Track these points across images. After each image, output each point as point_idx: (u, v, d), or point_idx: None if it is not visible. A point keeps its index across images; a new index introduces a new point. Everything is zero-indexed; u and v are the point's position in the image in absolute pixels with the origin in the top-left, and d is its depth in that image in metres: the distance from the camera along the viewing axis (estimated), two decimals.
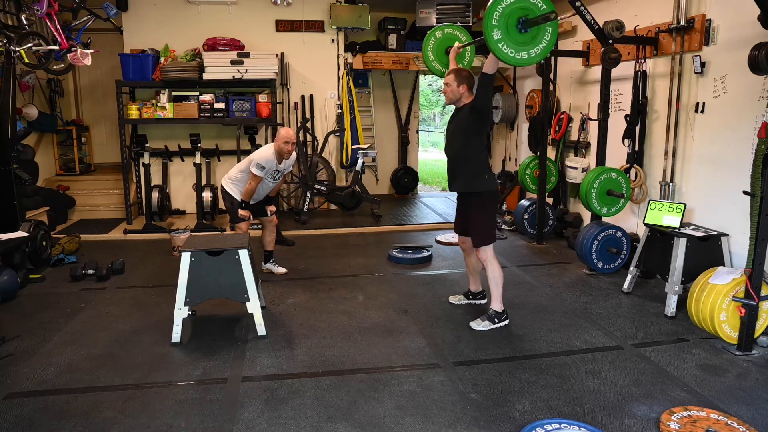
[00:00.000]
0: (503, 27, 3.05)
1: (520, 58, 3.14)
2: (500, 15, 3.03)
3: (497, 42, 3.05)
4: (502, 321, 3.73)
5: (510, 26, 3.06)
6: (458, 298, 4.21)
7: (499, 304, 3.74)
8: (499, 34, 3.04)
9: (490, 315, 3.72)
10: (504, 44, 3.08)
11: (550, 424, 2.53)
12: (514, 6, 3.04)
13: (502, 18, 3.03)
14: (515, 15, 3.06)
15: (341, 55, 7.58)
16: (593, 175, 4.83)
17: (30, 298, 4.33)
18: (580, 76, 6.22)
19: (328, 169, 7.54)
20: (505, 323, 3.74)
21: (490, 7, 3.03)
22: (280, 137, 4.48)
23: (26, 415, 2.67)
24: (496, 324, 3.71)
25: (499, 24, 3.03)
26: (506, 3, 3.02)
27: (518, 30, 3.08)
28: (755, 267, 3.23)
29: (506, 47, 3.09)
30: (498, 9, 3.02)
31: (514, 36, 3.09)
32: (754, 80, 3.85)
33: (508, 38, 3.07)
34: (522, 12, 3.06)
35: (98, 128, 8.25)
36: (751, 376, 3.06)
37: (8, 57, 5.03)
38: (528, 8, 3.07)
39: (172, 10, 7.09)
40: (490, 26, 3.03)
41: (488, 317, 3.72)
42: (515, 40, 3.09)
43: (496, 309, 3.73)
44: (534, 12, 3.07)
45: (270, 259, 4.97)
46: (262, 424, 2.60)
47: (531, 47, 3.15)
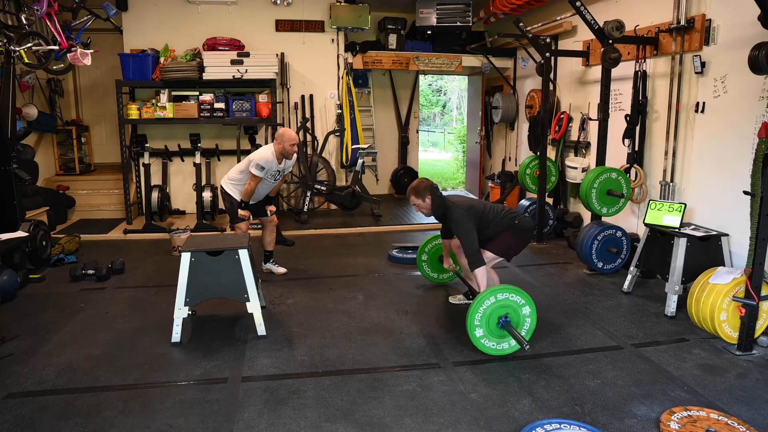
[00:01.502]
0: (485, 326, 3.26)
1: (501, 348, 3.30)
2: (482, 316, 3.23)
3: (480, 339, 3.26)
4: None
5: (491, 325, 3.26)
6: (458, 298, 4.21)
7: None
8: (481, 332, 3.26)
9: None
10: (486, 339, 3.27)
11: (550, 424, 2.53)
12: (494, 306, 3.24)
13: (484, 318, 3.24)
14: (496, 315, 3.25)
15: (341, 55, 7.58)
16: (593, 175, 4.83)
17: (30, 298, 4.33)
18: (580, 76, 6.22)
19: (328, 169, 7.54)
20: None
21: (472, 308, 3.22)
22: (286, 139, 4.47)
23: (26, 415, 2.67)
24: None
25: (480, 323, 3.24)
26: (486, 305, 3.23)
27: (499, 327, 3.28)
28: (755, 267, 3.22)
29: (488, 341, 3.27)
30: (479, 311, 3.22)
31: (495, 331, 3.28)
32: (754, 80, 3.85)
33: (489, 334, 3.27)
34: (502, 311, 3.26)
35: (98, 128, 8.25)
36: (751, 376, 3.06)
37: (8, 57, 5.03)
38: (508, 306, 3.27)
39: (172, 10, 7.09)
40: (473, 326, 3.24)
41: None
42: (496, 334, 3.28)
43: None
44: (513, 308, 3.27)
45: (270, 259, 4.97)
46: (262, 424, 2.60)
47: (510, 340, 3.31)
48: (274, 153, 4.50)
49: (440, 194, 3.77)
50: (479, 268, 3.47)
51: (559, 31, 6.44)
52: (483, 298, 3.24)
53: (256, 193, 4.67)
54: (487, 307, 3.23)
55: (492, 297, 3.24)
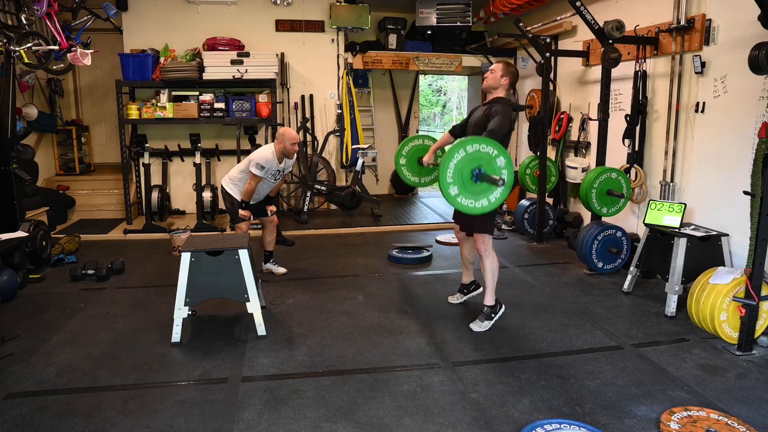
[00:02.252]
0: (458, 181, 3.11)
1: (480, 206, 3.19)
2: (453, 171, 3.08)
3: (456, 197, 3.13)
4: (498, 313, 3.78)
5: (465, 179, 3.12)
6: (456, 297, 4.21)
7: (491, 297, 3.76)
8: (456, 189, 3.11)
9: (486, 313, 3.74)
10: (462, 197, 3.14)
11: (550, 424, 2.53)
12: (466, 159, 3.09)
13: (456, 173, 3.09)
14: (468, 167, 3.10)
15: (341, 55, 7.58)
16: (593, 175, 4.83)
17: (30, 298, 4.33)
18: (580, 76, 6.22)
19: (328, 169, 7.54)
20: (502, 312, 3.79)
21: (443, 164, 3.08)
22: (287, 139, 4.47)
23: (26, 415, 2.67)
24: (494, 318, 3.74)
25: (454, 179, 3.09)
26: (457, 159, 3.07)
27: (473, 181, 3.14)
28: (755, 267, 3.22)
29: (465, 199, 3.15)
30: (450, 166, 3.07)
31: (470, 187, 3.14)
32: (754, 80, 3.85)
33: (464, 190, 3.13)
34: (475, 163, 3.11)
35: (98, 128, 8.24)
36: (751, 376, 3.06)
37: (8, 57, 5.03)
38: (480, 157, 3.11)
39: (172, 10, 7.09)
40: (446, 183, 3.08)
41: (485, 316, 3.73)
42: (471, 191, 3.15)
43: (489, 304, 3.75)
44: (486, 159, 3.11)
45: (270, 259, 4.97)
46: (262, 424, 2.60)
47: (489, 193, 3.20)
48: (275, 152, 4.49)
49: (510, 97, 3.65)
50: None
51: (559, 31, 6.44)
52: (452, 152, 3.05)
53: (257, 193, 4.66)
54: (458, 161, 3.06)
55: (461, 150, 3.07)
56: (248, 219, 4.67)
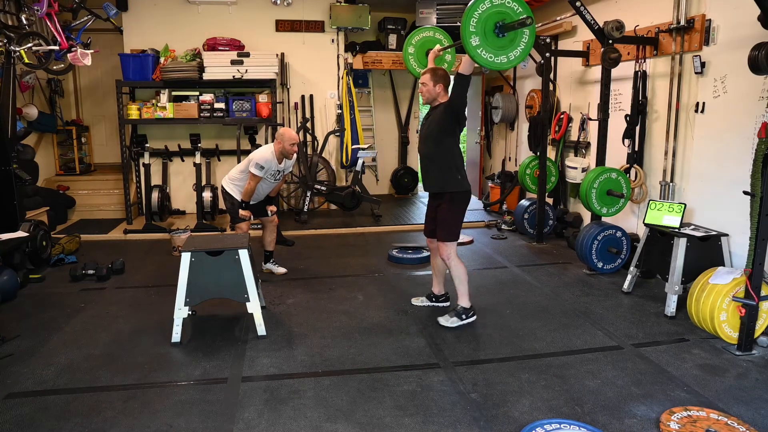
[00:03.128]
0: (481, 33, 3.06)
1: (499, 62, 3.15)
2: (477, 21, 3.03)
3: (476, 48, 3.07)
4: (470, 317, 3.77)
5: (488, 31, 3.07)
6: (420, 300, 4.19)
7: (466, 300, 3.77)
8: (477, 40, 3.06)
9: (458, 311, 3.75)
10: (483, 50, 3.09)
11: (550, 424, 2.53)
12: (490, 11, 3.04)
13: (479, 23, 3.04)
14: (492, 20, 3.06)
15: (341, 55, 7.58)
16: (593, 175, 4.83)
17: (30, 298, 4.33)
18: (580, 76, 6.22)
19: (328, 169, 7.54)
20: (473, 319, 3.79)
21: (467, 13, 3.03)
22: (286, 139, 4.47)
23: (26, 415, 2.67)
24: (464, 320, 3.74)
25: (476, 30, 3.04)
26: (482, 9, 3.03)
27: (496, 34, 3.10)
28: (755, 267, 3.22)
29: (485, 52, 3.10)
30: (475, 15, 3.03)
31: (492, 41, 3.10)
32: (754, 80, 3.85)
33: (486, 43, 3.08)
34: (499, 17, 3.07)
35: (98, 128, 8.25)
36: (751, 376, 3.06)
37: (8, 57, 5.03)
38: (505, 12, 3.07)
39: (172, 10, 7.09)
40: (468, 32, 3.03)
41: (456, 314, 3.75)
42: (493, 45, 3.10)
43: (464, 305, 3.76)
44: (510, 16, 3.08)
45: (270, 259, 4.97)
46: (262, 424, 2.60)
47: (509, 51, 3.16)
48: (274, 153, 4.49)
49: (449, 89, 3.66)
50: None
51: (559, 31, 6.44)
52: (478, 2, 3.03)
53: (257, 193, 4.66)
54: (483, 11, 3.01)
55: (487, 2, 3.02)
56: (248, 219, 4.67)
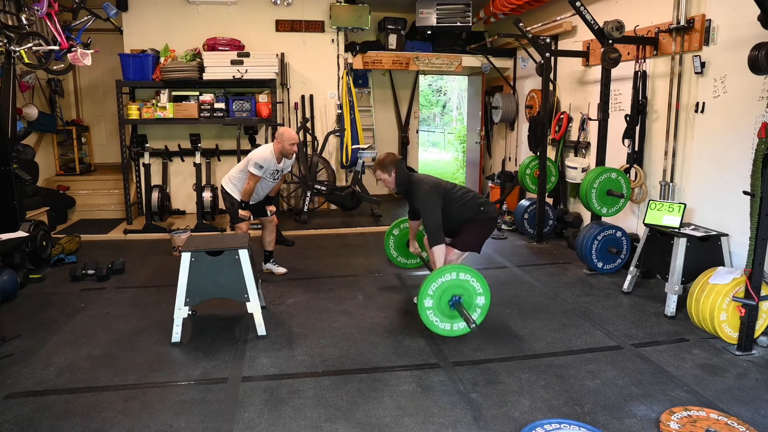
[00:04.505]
0: (436, 299, 3.30)
1: (443, 328, 3.36)
2: (437, 287, 3.28)
3: (426, 309, 3.30)
4: None
5: (443, 301, 3.31)
6: None
7: None
8: (431, 302, 3.30)
9: None
10: (432, 312, 3.32)
11: (550, 424, 2.53)
12: (451, 283, 3.30)
13: (437, 292, 3.29)
14: (450, 292, 3.30)
15: (341, 55, 7.58)
16: (593, 175, 4.83)
17: (30, 298, 4.33)
18: (580, 76, 6.22)
19: (328, 169, 7.54)
20: None
21: (429, 278, 3.29)
22: (286, 138, 4.47)
23: (26, 415, 2.67)
24: None
25: (433, 295, 3.29)
26: (445, 279, 3.28)
27: (449, 306, 3.32)
28: (755, 267, 3.23)
29: (433, 315, 3.32)
30: (437, 281, 3.28)
31: (444, 309, 3.33)
32: (754, 80, 3.85)
33: (437, 309, 3.31)
34: (456, 290, 3.30)
35: (98, 128, 8.25)
36: (751, 376, 3.06)
37: (8, 57, 5.03)
38: (465, 290, 3.32)
39: (172, 10, 7.09)
40: (425, 294, 3.28)
41: None
42: (444, 313, 3.33)
43: None
44: (469, 294, 3.32)
45: (270, 259, 4.97)
46: (262, 424, 2.60)
47: (456, 321, 3.36)
48: (273, 152, 4.49)
49: (405, 170, 3.82)
50: (438, 246, 3.55)
51: (559, 31, 6.44)
52: (444, 271, 3.27)
53: (256, 193, 4.66)
54: (446, 281, 3.26)
55: (454, 273, 3.27)
56: (248, 219, 4.67)
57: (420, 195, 3.70)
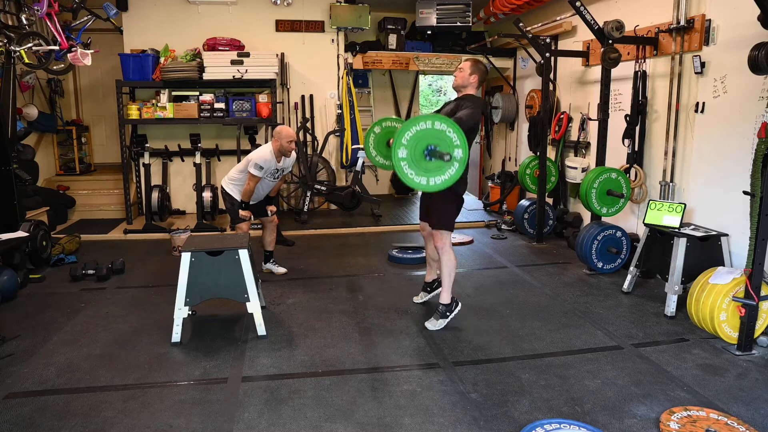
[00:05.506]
0: (411, 148, 3.10)
1: (418, 182, 3.18)
2: (411, 136, 3.08)
3: (401, 160, 3.10)
4: (453, 311, 3.76)
5: (418, 151, 3.11)
6: (421, 297, 4.21)
7: (447, 295, 3.75)
8: (404, 153, 3.10)
9: (441, 311, 3.74)
10: (406, 164, 3.12)
11: (550, 424, 2.53)
12: (426, 132, 3.10)
13: (412, 140, 3.09)
14: (423, 142, 3.11)
15: (341, 55, 7.58)
16: (593, 175, 4.83)
17: (30, 298, 4.33)
18: (580, 76, 6.22)
19: (328, 169, 7.54)
20: (458, 310, 3.77)
21: (403, 127, 3.10)
22: (284, 136, 4.47)
23: (26, 415, 2.67)
24: (450, 317, 3.74)
25: (407, 144, 3.09)
26: (420, 127, 3.09)
27: (425, 156, 3.13)
28: (755, 267, 3.22)
29: (408, 168, 3.13)
30: (411, 130, 3.08)
31: (420, 161, 3.13)
32: (754, 80, 3.85)
33: (412, 161, 3.12)
34: (432, 140, 3.11)
35: (98, 128, 8.25)
36: (751, 376, 3.06)
37: (8, 57, 5.04)
38: (441, 139, 3.12)
39: (172, 10, 7.09)
40: (399, 144, 3.08)
41: (440, 314, 3.73)
42: (420, 165, 3.14)
43: (444, 302, 3.75)
44: (445, 144, 3.12)
45: (270, 259, 4.97)
46: (262, 424, 2.60)
47: (434, 175, 3.18)
48: (273, 152, 4.49)
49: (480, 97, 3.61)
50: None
51: (559, 31, 6.44)
52: (420, 120, 3.10)
53: (257, 193, 4.66)
54: (421, 129, 3.08)
55: (429, 122, 3.09)
56: (249, 219, 4.66)
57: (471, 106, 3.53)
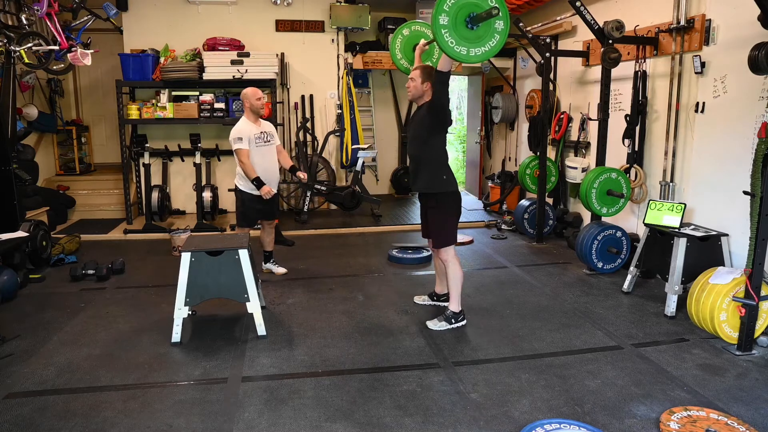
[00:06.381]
0: (452, 16, 2.97)
1: (458, 51, 3.03)
2: (453, 2, 2.96)
3: (441, 27, 2.96)
4: (459, 321, 3.74)
5: (459, 18, 2.98)
6: (423, 299, 4.21)
7: (456, 305, 3.75)
8: (446, 20, 2.96)
9: (448, 316, 3.73)
10: (447, 32, 2.99)
11: (550, 424, 2.53)
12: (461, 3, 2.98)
13: (453, 7, 2.97)
14: (467, 9, 2.99)
15: (341, 55, 7.58)
16: (593, 175, 4.83)
17: (30, 298, 4.33)
18: (580, 76, 6.22)
19: (328, 169, 7.54)
20: (462, 324, 3.75)
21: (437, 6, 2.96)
22: (250, 95, 4.45)
23: (26, 415, 2.67)
24: (453, 324, 3.71)
25: (449, 11, 2.96)
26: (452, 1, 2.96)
27: (466, 24, 3.00)
28: (755, 267, 3.22)
29: (449, 36, 2.99)
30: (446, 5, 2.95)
31: (461, 30, 3.00)
32: (754, 80, 3.85)
33: (453, 29, 2.99)
34: (474, 8, 2.99)
35: (98, 128, 8.25)
36: (751, 376, 3.06)
37: (8, 57, 5.04)
38: (479, 5, 3.00)
39: (172, 10, 7.09)
40: (440, 10, 2.95)
41: (445, 318, 3.73)
42: (460, 34, 3.01)
43: (453, 310, 3.75)
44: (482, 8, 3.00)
45: (270, 260, 4.97)
46: (262, 424, 2.60)
47: (474, 46, 3.05)
48: (246, 119, 4.49)
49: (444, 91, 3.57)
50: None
51: (559, 31, 6.44)
52: None
53: (263, 168, 4.50)
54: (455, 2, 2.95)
55: None
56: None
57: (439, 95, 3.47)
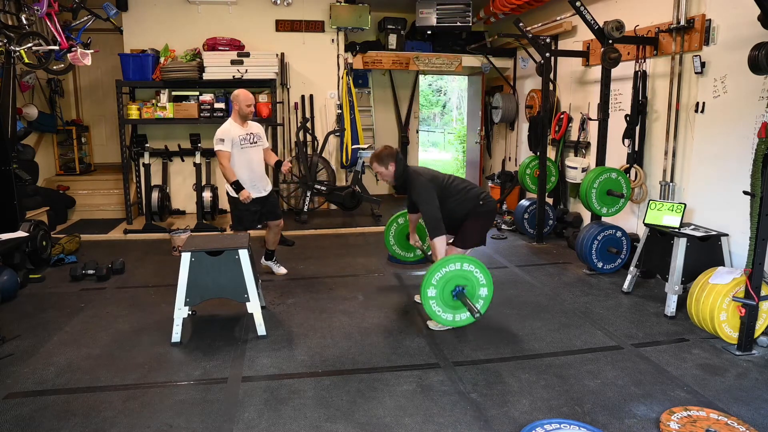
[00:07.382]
0: (440, 288, 3.38)
1: (445, 318, 3.45)
2: (441, 277, 3.36)
3: (429, 299, 3.37)
4: None
5: (446, 291, 3.38)
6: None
7: None
8: (433, 292, 3.37)
9: None
10: (435, 302, 3.39)
11: (550, 424, 2.53)
12: (455, 273, 3.37)
13: (441, 281, 3.37)
14: (454, 282, 3.38)
15: (341, 55, 7.58)
16: (593, 175, 4.83)
17: (30, 298, 4.33)
18: (580, 76, 6.22)
19: (328, 169, 7.54)
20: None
21: (433, 268, 3.35)
22: (241, 100, 4.40)
23: (26, 415, 2.67)
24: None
25: (437, 284, 3.37)
26: (449, 269, 3.36)
27: (453, 296, 3.40)
28: (755, 267, 3.23)
29: (436, 305, 3.40)
30: (441, 271, 3.35)
31: (447, 300, 3.40)
32: (754, 80, 3.85)
33: (440, 299, 3.39)
34: (461, 281, 3.38)
35: (98, 128, 8.25)
36: (751, 376, 3.06)
37: (8, 57, 5.04)
38: (468, 280, 3.40)
39: (172, 10, 7.09)
40: (428, 283, 3.35)
41: None
42: (447, 303, 3.41)
43: None
44: (472, 284, 3.41)
45: (272, 258, 4.95)
46: (262, 424, 2.60)
47: (460, 312, 3.45)
48: (232, 120, 4.46)
49: (404, 163, 3.81)
50: (438, 238, 3.56)
51: (559, 31, 6.44)
52: (449, 261, 3.31)
53: (250, 169, 4.48)
54: (450, 271, 3.32)
55: (458, 264, 3.31)
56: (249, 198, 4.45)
57: (417, 187, 3.69)
